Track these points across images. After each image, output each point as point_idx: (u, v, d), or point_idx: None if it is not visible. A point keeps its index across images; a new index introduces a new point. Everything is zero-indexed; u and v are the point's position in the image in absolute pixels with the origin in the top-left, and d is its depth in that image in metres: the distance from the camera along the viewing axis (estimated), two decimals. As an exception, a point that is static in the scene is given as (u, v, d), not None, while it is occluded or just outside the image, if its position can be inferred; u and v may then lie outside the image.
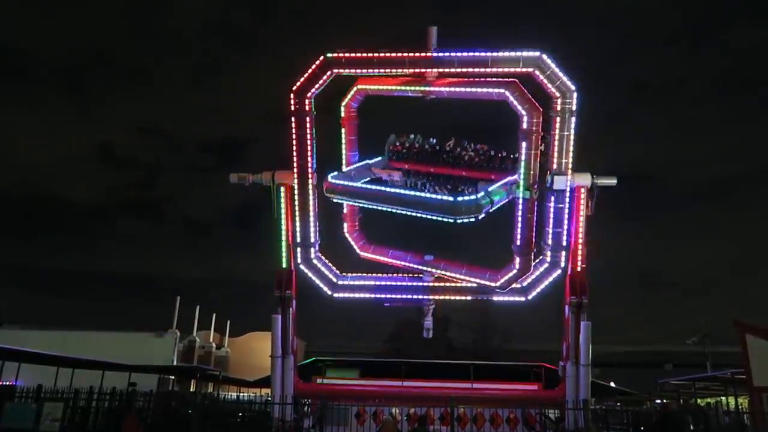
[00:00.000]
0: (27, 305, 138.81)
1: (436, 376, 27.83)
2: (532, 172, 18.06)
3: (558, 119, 18.71)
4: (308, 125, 20.61)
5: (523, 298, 20.52)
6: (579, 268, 20.55)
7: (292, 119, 20.45)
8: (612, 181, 20.92)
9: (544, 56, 18.73)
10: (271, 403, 20.24)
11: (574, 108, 18.82)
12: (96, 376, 29.16)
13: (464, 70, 19.08)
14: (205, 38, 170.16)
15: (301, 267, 21.49)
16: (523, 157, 17.99)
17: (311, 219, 21.23)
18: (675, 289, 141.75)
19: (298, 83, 20.19)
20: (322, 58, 19.96)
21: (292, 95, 20.28)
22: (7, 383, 26.76)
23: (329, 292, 21.44)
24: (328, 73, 20.09)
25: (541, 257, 20.35)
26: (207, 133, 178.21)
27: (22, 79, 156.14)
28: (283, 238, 21.53)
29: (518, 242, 18.72)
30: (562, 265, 20.15)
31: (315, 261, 21.62)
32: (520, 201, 18.33)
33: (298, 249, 21.41)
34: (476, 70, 18.85)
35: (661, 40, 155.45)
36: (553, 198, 19.79)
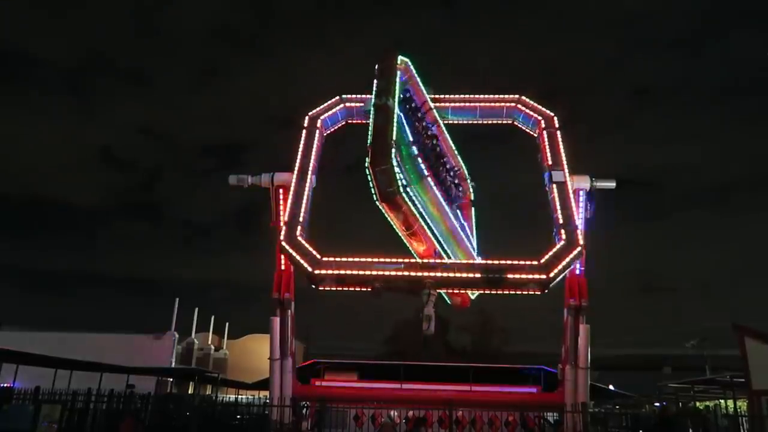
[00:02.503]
0: (26, 306, 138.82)
1: (434, 379, 27.78)
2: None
3: (545, 134, 21.49)
4: (317, 138, 22.45)
5: (543, 276, 18.13)
6: (578, 271, 20.56)
7: (303, 131, 22.59)
8: (611, 184, 21.00)
9: (523, 98, 23.02)
10: (269, 406, 20.20)
11: (556, 125, 21.75)
12: (94, 377, 29.07)
13: (459, 106, 23.54)
14: (206, 42, 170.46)
15: (283, 244, 19.68)
16: None
17: (303, 201, 20.82)
18: (674, 292, 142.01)
19: (314, 111, 23.14)
20: (337, 98, 23.48)
21: (306, 119, 22.90)
22: (5, 385, 26.68)
23: (310, 269, 18.88)
24: (341, 106, 23.26)
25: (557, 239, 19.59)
26: (208, 135, 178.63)
27: (24, 81, 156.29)
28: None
29: None
30: (581, 242, 18.92)
31: (299, 239, 19.84)
32: None
33: (284, 228, 20.16)
34: (468, 104, 23.73)
35: (662, 45, 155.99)
36: (555, 187, 20.01)
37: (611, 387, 43.23)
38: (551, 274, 18.14)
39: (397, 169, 18.24)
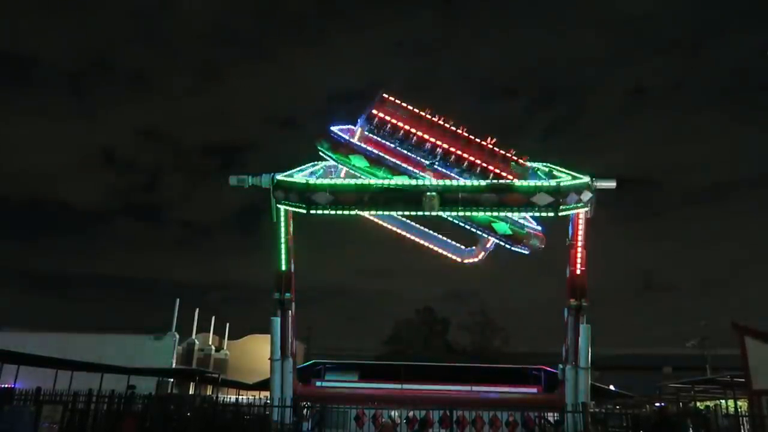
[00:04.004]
0: (26, 307, 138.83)
1: (435, 379, 27.79)
2: None
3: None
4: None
5: (554, 183, 18.41)
6: (579, 271, 20.57)
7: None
8: (611, 184, 20.98)
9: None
10: (270, 406, 20.21)
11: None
12: (95, 378, 29.11)
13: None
14: (207, 43, 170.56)
15: (278, 177, 19.71)
16: None
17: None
18: (674, 292, 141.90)
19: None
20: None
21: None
22: (6, 386, 26.72)
23: (304, 181, 19.07)
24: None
25: None
26: (208, 137, 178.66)
27: (25, 84, 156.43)
28: (282, 240, 21.52)
29: None
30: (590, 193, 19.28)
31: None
32: None
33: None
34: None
35: (660, 45, 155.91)
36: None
37: (612, 387, 43.22)
38: (562, 184, 18.25)
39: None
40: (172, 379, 46.28)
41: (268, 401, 20.81)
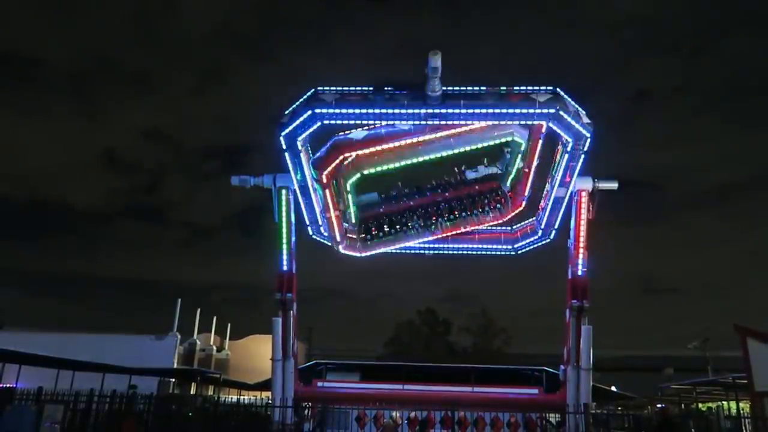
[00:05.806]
0: (28, 308, 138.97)
1: (436, 380, 27.80)
2: None
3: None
4: None
5: (551, 86, 18.84)
6: (580, 272, 20.57)
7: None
8: (613, 185, 20.99)
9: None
10: (271, 407, 20.21)
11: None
12: (96, 378, 29.13)
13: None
14: (210, 45, 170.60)
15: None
16: None
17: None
18: (676, 294, 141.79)
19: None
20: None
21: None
22: (8, 386, 26.74)
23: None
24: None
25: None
26: (211, 138, 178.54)
27: (28, 85, 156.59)
28: (284, 240, 21.55)
29: None
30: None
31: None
32: None
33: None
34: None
35: (662, 48, 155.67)
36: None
37: (613, 388, 43.14)
38: (559, 89, 18.14)
39: None
40: (173, 379, 46.32)
41: (270, 401, 20.82)
